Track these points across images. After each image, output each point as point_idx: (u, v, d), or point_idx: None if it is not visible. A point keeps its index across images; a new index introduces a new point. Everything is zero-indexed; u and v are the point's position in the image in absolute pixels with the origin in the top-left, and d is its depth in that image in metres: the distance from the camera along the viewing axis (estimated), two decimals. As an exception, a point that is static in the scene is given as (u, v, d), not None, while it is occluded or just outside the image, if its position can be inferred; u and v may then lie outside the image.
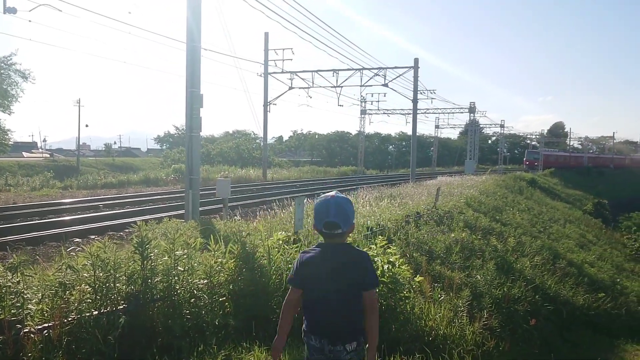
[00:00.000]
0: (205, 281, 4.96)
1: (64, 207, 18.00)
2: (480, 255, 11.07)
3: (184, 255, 4.90)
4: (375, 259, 6.09)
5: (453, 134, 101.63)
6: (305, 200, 7.87)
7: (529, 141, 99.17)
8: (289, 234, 6.99)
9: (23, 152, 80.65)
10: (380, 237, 7.29)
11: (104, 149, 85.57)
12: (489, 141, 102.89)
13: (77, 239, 11.60)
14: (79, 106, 58.21)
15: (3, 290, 3.76)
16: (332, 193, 3.04)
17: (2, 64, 41.31)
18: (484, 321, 7.44)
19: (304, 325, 3.03)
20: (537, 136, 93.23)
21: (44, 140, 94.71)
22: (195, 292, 4.83)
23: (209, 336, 4.45)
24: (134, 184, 31.53)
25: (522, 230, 17.07)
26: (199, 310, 4.76)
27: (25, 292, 3.87)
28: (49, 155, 70.64)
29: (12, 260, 3.92)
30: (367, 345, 2.95)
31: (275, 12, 21.88)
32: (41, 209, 17.25)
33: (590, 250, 21.04)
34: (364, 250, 3.50)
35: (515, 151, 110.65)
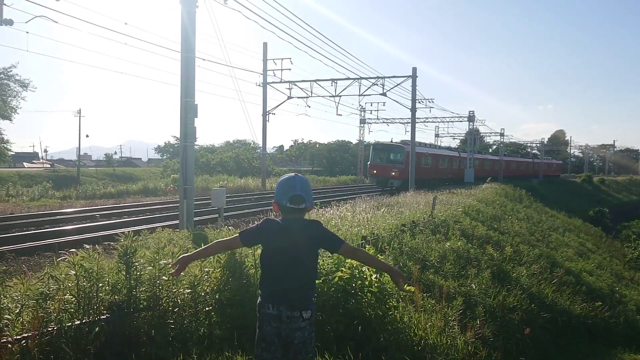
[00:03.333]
0: (189, 291, 4.93)
1: (61, 217, 17.99)
2: (476, 264, 11.02)
3: (168, 264, 4.88)
4: (363, 268, 6.07)
5: (453, 143, 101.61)
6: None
7: (529, 149, 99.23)
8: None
9: (24, 163, 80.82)
10: (367, 246, 7.26)
11: (104, 159, 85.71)
12: (490, 150, 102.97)
13: (72, 249, 11.55)
14: (80, 116, 58.40)
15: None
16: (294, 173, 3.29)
17: (2, 75, 41.48)
18: (476, 330, 7.39)
19: (259, 299, 3.20)
20: (538, 144, 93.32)
21: (45, 151, 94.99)
22: (180, 301, 4.81)
23: (192, 346, 4.42)
24: (132, 194, 31.52)
25: (520, 239, 17.03)
26: (183, 319, 4.73)
27: (3, 302, 3.85)
28: (49, 166, 70.80)
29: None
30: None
31: (270, 22, 21.94)
32: (38, 219, 17.24)
33: (590, 258, 20.98)
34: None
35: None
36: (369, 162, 37.71)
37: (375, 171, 36.57)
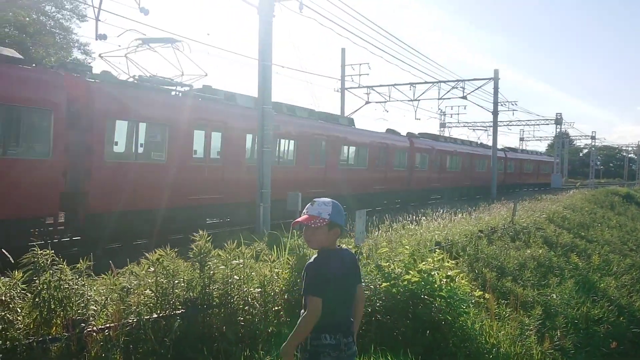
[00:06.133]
0: (259, 290, 5.11)
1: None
2: (559, 273, 10.55)
3: (239, 264, 5.10)
4: (432, 272, 6.01)
5: (540, 147, 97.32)
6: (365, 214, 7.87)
7: (625, 154, 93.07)
8: (349, 247, 7.03)
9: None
10: (437, 251, 7.17)
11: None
12: (580, 154, 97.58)
13: (156, 247, 12.18)
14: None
15: (71, 292, 4.10)
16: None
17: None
18: (555, 341, 7.09)
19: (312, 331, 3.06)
20: (635, 148, 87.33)
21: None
22: (250, 300, 5.00)
23: (260, 343, 4.59)
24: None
25: (610, 248, 16.02)
26: (253, 318, 4.92)
27: (89, 294, 4.20)
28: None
29: (79, 265, 4.27)
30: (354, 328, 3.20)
31: (345, 28, 22.17)
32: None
33: (692, 270, 19.33)
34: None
35: (610, 164, 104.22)
36: None
37: None
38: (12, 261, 4.07)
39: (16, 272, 3.94)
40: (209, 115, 14.50)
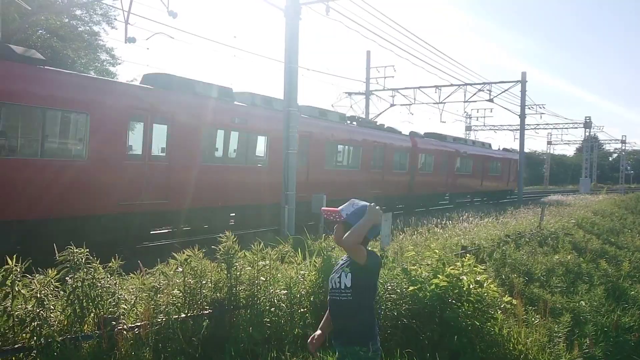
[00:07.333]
0: (285, 292, 5.14)
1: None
2: (587, 280, 10.35)
3: (265, 266, 5.13)
4: (462, 277, 5.95)
5: (568, 151, 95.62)
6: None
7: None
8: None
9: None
10: (468, 255, 7.10)
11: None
12: (610, 158, 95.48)
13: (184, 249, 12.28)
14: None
15: (103, 290, 4.17)
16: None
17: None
18: (584, 349, 6.94)
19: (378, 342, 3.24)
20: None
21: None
22: (276, 301, 5.03)
23: (286, 344, 4.61)
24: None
25: (642, 255, 15.67)
26: (279, 319, 4.94)
27: (120, 293, 4.27)
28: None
29: (111, 264, 4.35)
30: None
31: (372, 30, 22.12)
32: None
33: None
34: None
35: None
36: None
37: None
38: (57, 258, 4.15)
39: (50, 270, 4.03)
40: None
